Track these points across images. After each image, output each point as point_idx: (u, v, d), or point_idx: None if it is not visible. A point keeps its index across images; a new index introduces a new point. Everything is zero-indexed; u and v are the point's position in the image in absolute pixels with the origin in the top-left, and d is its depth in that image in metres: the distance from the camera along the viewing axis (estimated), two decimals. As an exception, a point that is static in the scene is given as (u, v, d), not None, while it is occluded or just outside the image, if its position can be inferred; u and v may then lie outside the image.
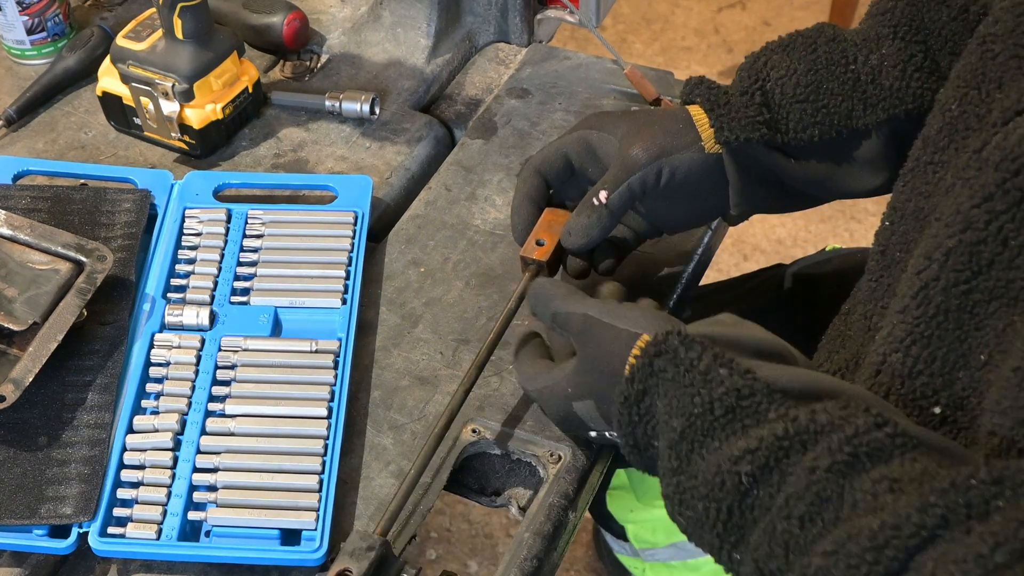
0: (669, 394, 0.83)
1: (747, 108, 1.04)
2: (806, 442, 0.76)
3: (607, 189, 1.04)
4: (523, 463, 1.03)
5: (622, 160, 1.05)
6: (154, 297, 1.12)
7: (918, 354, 0.81)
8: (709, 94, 1.06)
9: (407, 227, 1.23)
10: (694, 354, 0.83)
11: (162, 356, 1.07)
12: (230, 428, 1.02)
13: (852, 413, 0.76)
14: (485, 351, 1.01)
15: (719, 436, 0.80)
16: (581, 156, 1.08)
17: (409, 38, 1.44)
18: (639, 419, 0.86)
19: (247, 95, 1.32)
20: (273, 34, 1.42)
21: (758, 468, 0.76)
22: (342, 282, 1.14)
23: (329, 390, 1.05)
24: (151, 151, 1.32)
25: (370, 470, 1.02)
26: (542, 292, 0.98)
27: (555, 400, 0.95)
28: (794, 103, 1.05)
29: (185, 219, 1.19)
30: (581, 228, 1.05)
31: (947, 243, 0.79)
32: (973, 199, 0.78)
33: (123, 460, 1.00)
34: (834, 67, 1.05)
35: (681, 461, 0.82)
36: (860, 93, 1.05)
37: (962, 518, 0.68)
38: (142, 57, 1.26)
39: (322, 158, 1.31)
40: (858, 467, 0.73)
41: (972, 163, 0.80)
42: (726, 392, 0.80)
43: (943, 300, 0.80)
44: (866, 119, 1.05)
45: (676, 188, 1.06)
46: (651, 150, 1.05)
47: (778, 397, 0.79)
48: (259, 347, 1.08)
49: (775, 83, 1.05)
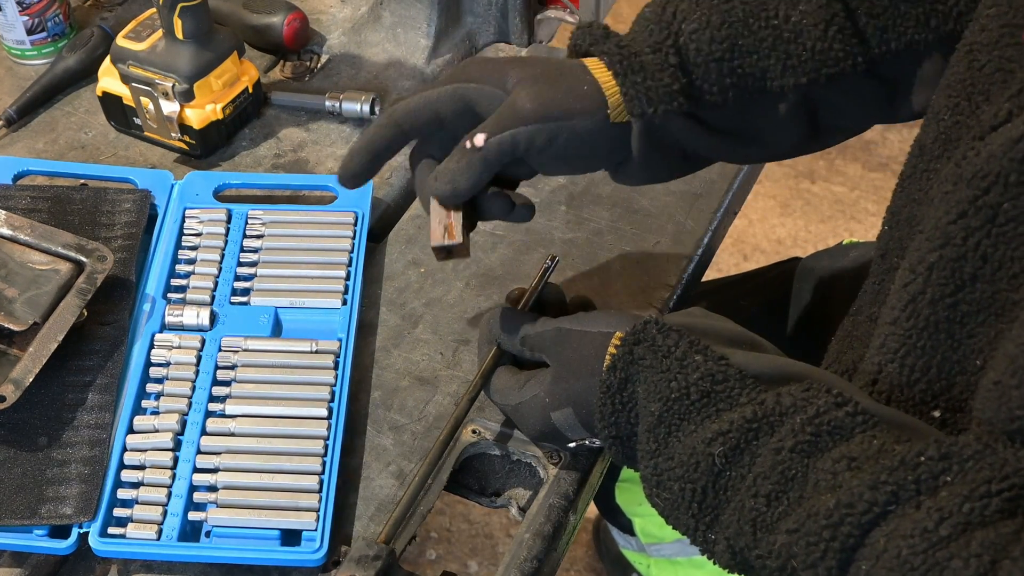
0: (648, 380, 0.84)
1: (662, 73, 0.93)
2: (773, 424, 0.78)
3: (486, 133, 0.92)
4: (523, 464, 1.03)
5: (510, 107, 0.93)
6: (154, 297, 1.12)
7: (913, 364, 0.82)
8: (617, 53, 0.94)
9: (407, 227, 1.23)
10: (671, 341, 0.84)
11: (162, 356, 1.07)
12: (230, 428, 1.02)
13: (814, 394, 0.79)
14: (491, 362, 1.00)
15: (695, 419, 0.82)
16: (454, 112, 0.95)
17: (409, 38, 1.45)
18: (621, 407, 0.87)
19: (247, 95, 1.32)
20: (273, 34, 1.42)
21: (730, 450, 0.79)
22: (342, 282, 1.14)
23: (329, 390, 1.05)
24: (151, 151, 1.32)
25: (370, 470, 1.02)
26: (508, 321, 0.97)
27: (533, 413, 0.95)
28: (710, 62, 0.94)
29: (185, 219, 1.19)
30: (448, 173, 0.93)
31: (929, 257, 0.80)
32: (949, 215, 0.78)
33: (123, 460, 1.00)
34: (752, 21, 0.95)
35: (659, 444, 0.84)
36: (780, 53, 0.95)
37: (911, 494, 0.71)
38: (142, 57, 1.26)
39: (322, 158, 1.31)
40: (820, 446, 0.76)
41: (950, 176, 0.80)
42: (701, 377, 0.82)
43: (931, 312, 0.80)
44: (783, 80, 0.95)
45: (568, 152, 0.95)
46: (546, 107, 0.92)
47: (750, 382, 0.82)
48: (259, 347, 1.08)
49: (688, 38, 0.94)
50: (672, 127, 0.95)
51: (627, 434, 0.88)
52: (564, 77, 0.95)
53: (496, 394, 0.99)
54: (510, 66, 0.96)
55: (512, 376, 0.98)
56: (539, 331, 0.95)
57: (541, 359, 0.95)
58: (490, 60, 0.98)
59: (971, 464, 0.71)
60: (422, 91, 0.96)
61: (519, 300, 1.01)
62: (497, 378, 0.99)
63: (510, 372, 0.98)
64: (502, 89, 0.95)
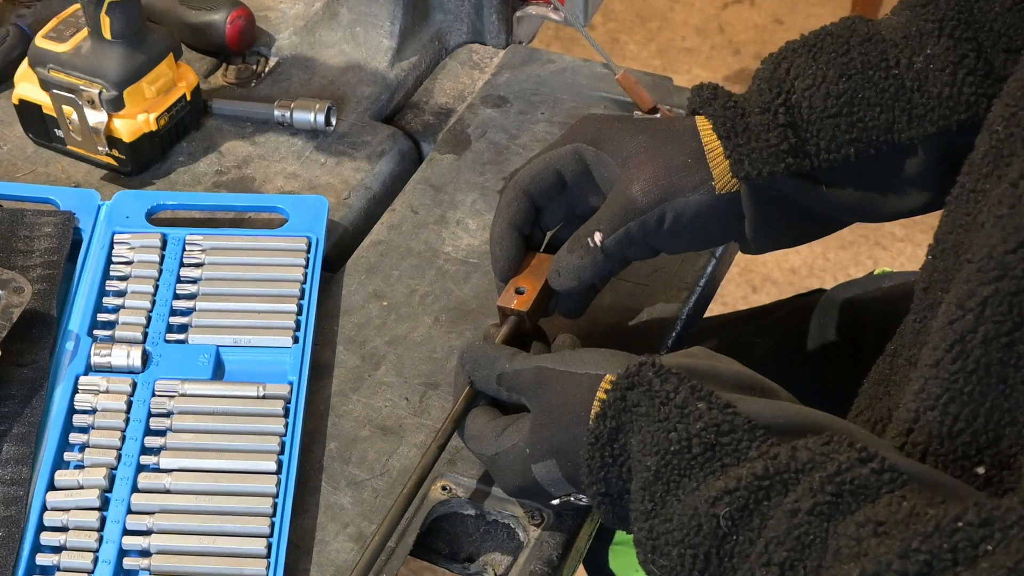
0: (643, 430, 0.84)
1: (769, 133, 1.01)
2: (787, 481, 0.78)
3: (603, 232, 1.03)
4: (500, 525, 1.03)
5: (621, 200, 1.04)
6: (78, 335, 1.12)
7: (957, 412, 0.82)
8: (724, 114, 1.03)
9: (368, 255, 1.24)
10: (670, 386, 0.85)
11: (88, 402, 1.08)
12: (165, 484, 1.03)
13: (835, 448, 0.78)
14: (461, 406, 1.01)
15: (696, 476, 0.82)
16: (575, 173, 1.07)
17: (370, 38, 1.46)
18: (612, 461, 0.87)
19: (185, 104, 1.33)
20: (214, 34, 1.42)
21: (737, 510, 0.78)
22: (293, 317, 1.15)
23: (279, 441, 1.06)
24: (75, 167, 1.33)
25: (325, 532, 1.02)
26: (482, 356, 0.99)
27: (512, 465, 0.95)
28: (825, 118, 1.02)
29: (114, 245, 1.20)
30: (572, 269, 1.04)
31: (982, 291, 0.79)
32: (1007, 242, 0.78)
33: (43, 521, 1.00)
34: (872, 72, 1.02)
35: (655, 503, 0.83)
36: (904, 102, 1.01)
37: (947, 564, 0.69)
38: (65, 60, 1.27)
39: (270, 176, 1.32)
40: (842, 508, 0.76)
41: (1006, 198, 0.80)
42: (704, 428, 0.82)
43: (983, 354, 0.80)
44: (911, 132, 1.01)
45: (681, 229, 1.05)
46: (654, 192, 1.03)
47: (760, 434, 0.81)
48: (199, 392, 1.09)
49: (801, 95, 1.02)
50: (785, 189, 1.03)
51: (619, 492, 0.88)
52: (671, 146, 1.04)
53: (471, 441, 0.99)
54: (626, 133, 1.05)
55: (489, 421, 0.98)
56: (517, 369, 0.96)
57: (520, 402, 0.96)
58: (605, 120, 1.08)
59: (1016, 531, 0.69)
60: (539, 155, 1.07)
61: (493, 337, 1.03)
62: (472, 421, 0.99)
63: (488, 415, 0.99)
64: (617, 158, 1.04)
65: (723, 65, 3.20)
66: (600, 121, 1.08)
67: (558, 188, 1.08)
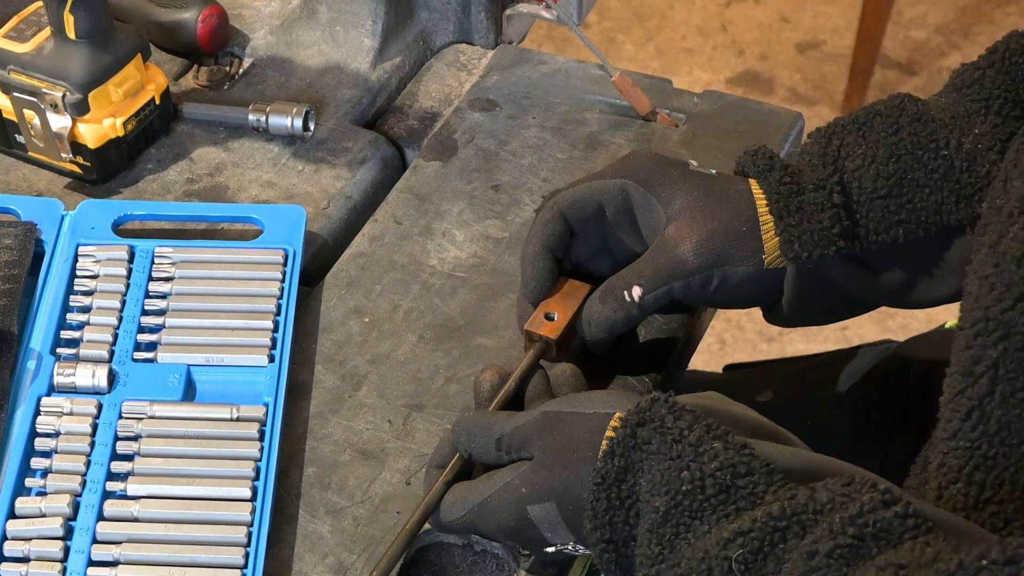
0: (654, 469, 0.84)
1: (823, 213, 1.04)
2: (805, 523, 0.78)
3: (643, 287, 1.06)
4: (489, 555, 1.03)
5: (670, 257, 1.06)
6: (40, 353, 1.13)
7: (983, 480, 0.83)
8: (780, 190, 1.06)
9: (348, 268, 1.24)
10: (684, 424, 0.85)
11: (50, 424, 1.08)
12: (133, 512, 1.03)
13: (856, 490, 0.78)
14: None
15: (709, 519, 0.82)
16: (617, 209, 1.09)
17: (350, 38, 1.46)
18: (619, 503, 0.87)
19: (153, 107, 1.33)
20: (185, 33, 1.42)
21: (750, 553, 0.78)
22: (269, 335, 1.15)
23: (253, 466, 1.06)
24: (37, 175, 1.33)
25: (303, 564, 1.02)
26: (476, 426, 0.97)
27: (504, 506, 0.93)
28: (875, 199, 1.05)
29: (78, 258, 1.20)
30: (605, 322, 1.07)
31: (989, 354, 0.82)
32: (1003, 300, 0.81)
33: (2, 551, 1.00)
34: (921, 152, 1.05)
35: (663, 547, 0.83)
36: (953, 183, 1.04)
37: None
38: (26, 61, 1.27)
39: (245, 184, 1.33)
40: (863, 551, 0.76)
41: (988, 259, 0.83)
42: (720, 468, 0.82)
43: (1003, 414, 0.81)
44: (959, 214, 1.04)
45: (722, 294, 1.08)
46: (705, 256, 1.06)
47: (778, 478, 0.82)
48: (168, 414, 1.09)
49: (852, 175, 1.05)
50: (831, 271, 1.06)
51: (624, 538, 0.88)
52: (728, 210, 1.07)
53: (454, 507, 0.96)
54: (681, 184, 1.08)
55: (468, 483, 0.97)
56: (518, 424, 0.95)
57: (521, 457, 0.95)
58: (661, 163, 1.10)
59: None
60: (585, 181, 1.10)
61: (494, 385, 1.02)
62: (450, 494, 0.97)
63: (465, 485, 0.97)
64: (669, 208, 1.07)
65: (726, 67, 3.19)
66: (655, 162, 1.10)
67: (597, 220, 1.10)
